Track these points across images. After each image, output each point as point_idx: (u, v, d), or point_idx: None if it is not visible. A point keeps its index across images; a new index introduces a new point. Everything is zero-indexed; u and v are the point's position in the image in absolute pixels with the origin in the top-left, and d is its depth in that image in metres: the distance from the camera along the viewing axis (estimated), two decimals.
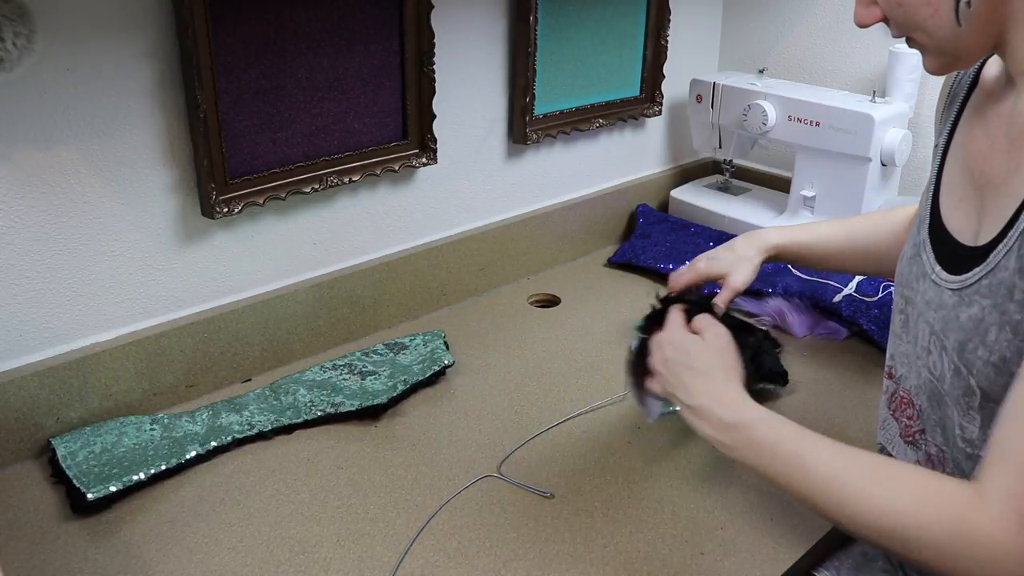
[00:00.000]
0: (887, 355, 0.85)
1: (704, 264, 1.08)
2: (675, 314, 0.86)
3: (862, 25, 0.74)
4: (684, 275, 1.09)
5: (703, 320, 0.84)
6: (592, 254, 1.52)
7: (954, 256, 0.73)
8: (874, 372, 1.12)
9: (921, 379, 0.77)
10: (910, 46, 0.74)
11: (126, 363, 1.00)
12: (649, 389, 0.84)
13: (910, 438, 0.80)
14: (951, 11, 0.67)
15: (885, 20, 0.73)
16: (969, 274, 0.70)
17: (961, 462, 0.73)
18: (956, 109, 0.80)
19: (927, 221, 0.78)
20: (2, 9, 0.79)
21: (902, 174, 1.44)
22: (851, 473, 0.66)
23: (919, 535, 0.61)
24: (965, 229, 0.73)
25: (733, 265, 1.06)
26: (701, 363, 0.79)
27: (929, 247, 0.77)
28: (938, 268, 0.74)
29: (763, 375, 1.07)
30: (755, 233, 1.08)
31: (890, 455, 0.83)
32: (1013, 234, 0.65)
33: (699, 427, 0.77)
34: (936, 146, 0.82)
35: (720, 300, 1.04)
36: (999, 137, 0.71)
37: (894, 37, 0.74)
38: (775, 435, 0.71)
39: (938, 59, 0.72)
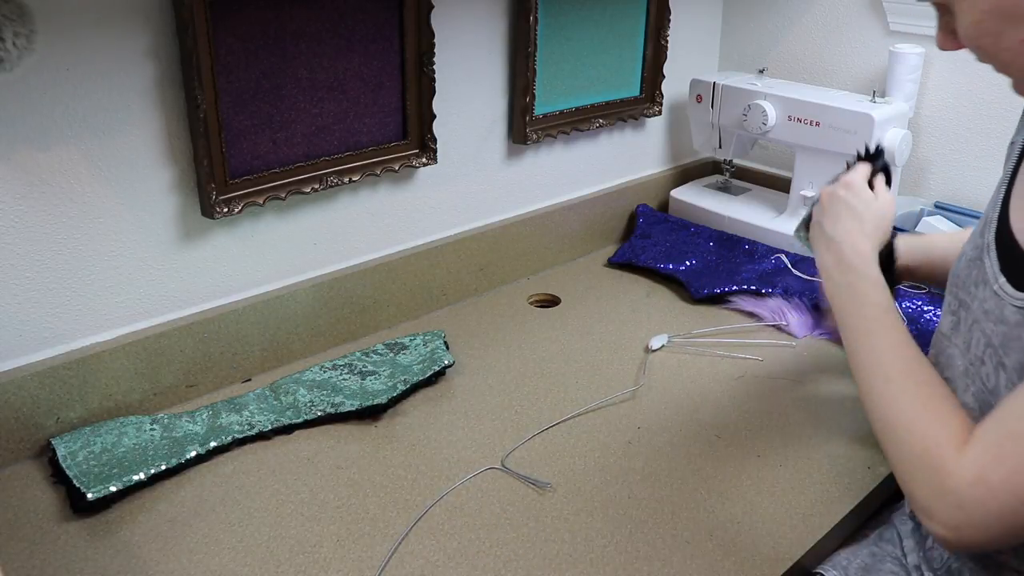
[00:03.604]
0: (929, 355, 0.82)
1: None
2: (862, 168, 0.91)
3: (941, 49, 0.74)
4: None
5: (882, 185, 0.90)
6: (592, 254, 1.52)
7: (1021, 268, 0.69)
8: None
9: (974, 386, 0.73)
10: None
11: (126, 363, 1.00)
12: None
13: None
14: None
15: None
16: None
17: None
18: None
19: (994, 224, 0.73)
20: (2, 9, 0.79)
21: (902, 174, 1.44)
22: (895, 371, 0.73)
23: (904, 451, 0.69)
24: None
25: None
26: (860, 208, 0.86)
27: (994, 253, 0.72)
28: (1002, 279, 0.70)
29: None
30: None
31: None
32: None
33: (823, 256, 0.85)
34: (1012, 143, 0.77)
35: None
36: None
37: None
38: (872, 298, 0.79)
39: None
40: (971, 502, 0.63)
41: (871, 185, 0.91)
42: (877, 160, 0.94)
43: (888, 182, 0.93)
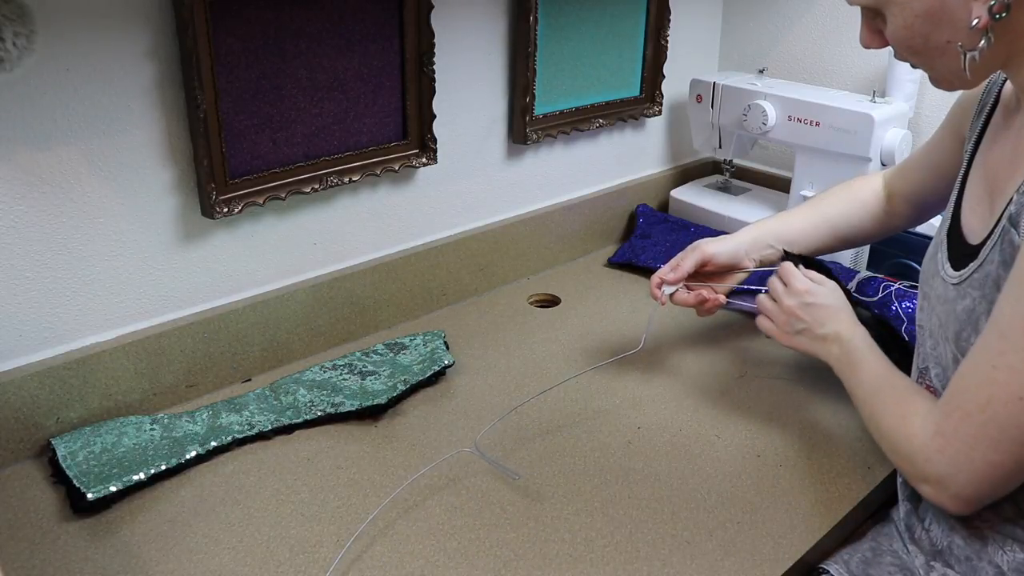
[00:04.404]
0: (915, 353, 0.90)
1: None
2: (787, 268, 0.99)
3: (866, 47, 0.81)
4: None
5: (802, 271, 0.99)
6: (592, 254, 1.52)
7: (960, 254, 0.80)
8: None
9: (936, 367, 0.82)
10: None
11: (126, 363, 1.00)
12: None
13: None
14: (959, 61, 0.74)
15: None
16: (965, 269, 0.77)
17: None
18: (984, 119, 0.85)
19: (948, 222, 0.84)
20: (2, 9, 0.79)
21: None
22: (875, 396, 0.84)
23: (888, 444, 0.81)
24: (978, 231, 0.78)
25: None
26: (821, 298, 0.94)
27: (945, 247, 0.82)
28: (947, 266, 0.81)
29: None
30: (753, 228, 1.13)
31: None
32: (997, 230, 0.72)
33: (828, 351, 0.92)
34: (965, 151, 0.86)
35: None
36: (1008, 148, 0.77)
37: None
38: (865, 356, 0.87)
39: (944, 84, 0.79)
40: (935, 452, 0.73)
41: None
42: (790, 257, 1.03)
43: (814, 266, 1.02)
